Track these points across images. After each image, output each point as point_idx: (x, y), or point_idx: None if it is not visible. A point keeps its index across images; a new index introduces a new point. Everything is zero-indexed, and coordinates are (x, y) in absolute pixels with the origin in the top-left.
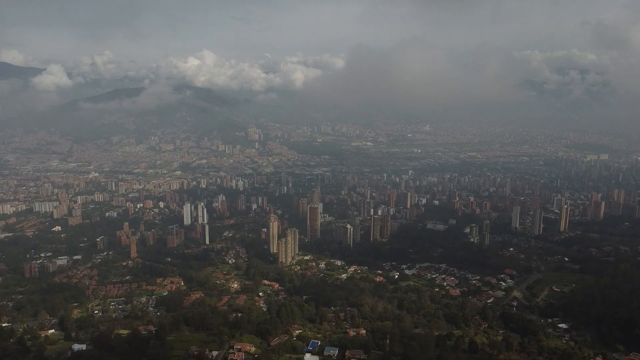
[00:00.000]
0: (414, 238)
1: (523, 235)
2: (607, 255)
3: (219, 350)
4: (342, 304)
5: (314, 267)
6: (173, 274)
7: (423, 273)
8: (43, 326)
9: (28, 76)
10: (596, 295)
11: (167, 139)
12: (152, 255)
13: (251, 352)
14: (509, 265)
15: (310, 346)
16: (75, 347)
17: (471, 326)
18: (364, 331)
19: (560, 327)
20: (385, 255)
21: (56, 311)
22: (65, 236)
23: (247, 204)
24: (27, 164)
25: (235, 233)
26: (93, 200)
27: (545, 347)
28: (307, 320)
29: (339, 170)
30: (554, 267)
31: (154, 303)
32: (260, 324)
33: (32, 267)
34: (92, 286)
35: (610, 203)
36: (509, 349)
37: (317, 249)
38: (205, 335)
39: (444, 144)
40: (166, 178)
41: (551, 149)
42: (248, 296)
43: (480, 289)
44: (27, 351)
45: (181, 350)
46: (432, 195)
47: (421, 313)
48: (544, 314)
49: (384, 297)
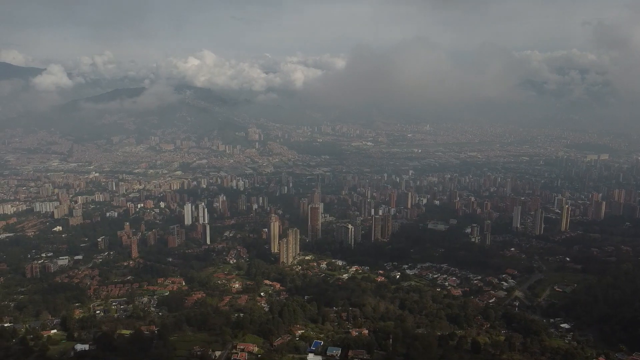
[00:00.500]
0: (415, 238)
1: (524, 235)
2: (609, 255)
3: (222, 350)
4: (344, 304)
5: (315, 267)
6: (174, 274)
7: (424, 273)
8: (45, 326)
9: (28, 76)
10: (598, 295)
11: (168, 139)
12: (153, 255)
13: (254, 352)
14: (511, 265)
15: (313, 346)
16: (78, 347)
17: (473, 326)
18: (367, 331)
19: (562, 327)
20: (387, 255)
21: (58, 311)
22: (66, 236)
23: (248, 204)
24: (28, 164)
25: (236, 233)
26: (94, 201)
27: (547, 347)
28: (310, 321)
29: (339, 170)
30: (555, 267)
31: (156, 303)
32: (262, 324)
33: (34, 267)
34: (94, 286)
35: (611, 203)
36: (511, 349)
37: (318, 249)
38: (208, 335)
39: (444, 143)
40: (166, 178)
41: (551, 149)
42: (250, 296)
43: (482, 289)
44: (29, 351)
45: (184, 350)
46: (432, 195)
47: (423, 313)
48: (546, 314)
49: (386, 297)
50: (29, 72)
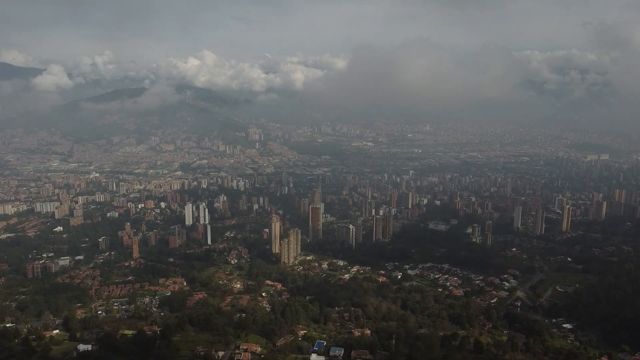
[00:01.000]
0: (416, 238)
1: (525, 235)
2: (610, 255)
3: (224, 350)
4: (346, 304)
5: (317, 268)
6: (175, 274)
7: (426, 273)
8: (47, 326)
9: (28, 76)
10: (600, 295)
11: (168, 139)
12: (154, 255)
13: (257, 352)
14: (512, 266)
15: (316, 346)
16: (80, 348)
17: (475, 326)
18: (369, 331)
19: (564, 327)
20: (388, 256)
21: (60, 311)
22: (67, 236)
23: (249, 204)
24: (28, 164)
25: (237, 233)
26: (94, 201)
27: (550, 347)
28: (312, 321)
29: (339, 171)
30: (557, 267)
31: (157, 303)
32: (265, 324)
33: (35, 267)
34: (95, 286)
35: (612, 203)
36: (514, 349)
37: (319, 249)
38: (211, 336)
39: (444, 144)
40: (167, 178)
41: (551, 149)
42: (251, 296)
43: (483, 289)
44: (32, 351)
45: (187, 350)
46: (433, 195)
47: (425, 313)
48: (548, 314)
49: (387, 298)
50: (29, 72)
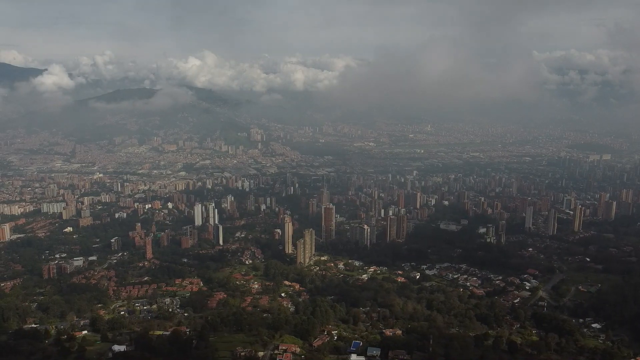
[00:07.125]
0: (430, 238)
1: (537, 235)
2: (628, 255)
3: (263, 351)
4: (372, 304)
5: (333, 268)
6: (191, 275)
7: (444, 273)
8: (74, 327)
9: (29, 77)
10: (627, 294)
11: (170, 139)
12: (167, 256)
13: (297, 352)
14: (531, 265)
15: (352, 347)
16: (115, 348)
17: (503, 326)
18: (400, 331)
19: (593, 327)
20: (404, 256)
21: (82, 312)
22: (77, 237)
23: (256, 205)
24: (31, 164)
25: (247, 234)
26: (100, 201)
27: (584, 347)
28: (340, 321)
29: (343, 171)
30: (575, 267)
31: (179, 304)
32: (297, 324)
33: (50, 268)
34: (112, 287)
35: (620, 203)
36: (548, 349)
37: (332, 249)
38: (245, 336)
39: (446, 144)
40: (171, 179)
41: (553, 149)
42: (270, 297)
43: (505, 289)
44: (67, 352)
45: (226, 351)
46: (440, 195)
47: (452, 313)
48: (574, 314)
49: (411, 298)
50: (29, 72)
